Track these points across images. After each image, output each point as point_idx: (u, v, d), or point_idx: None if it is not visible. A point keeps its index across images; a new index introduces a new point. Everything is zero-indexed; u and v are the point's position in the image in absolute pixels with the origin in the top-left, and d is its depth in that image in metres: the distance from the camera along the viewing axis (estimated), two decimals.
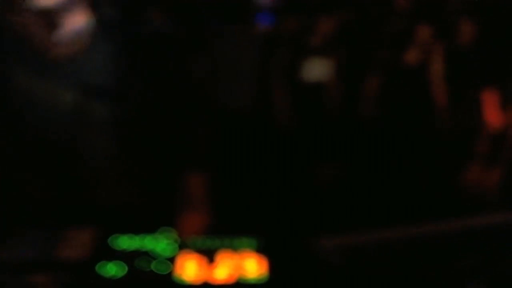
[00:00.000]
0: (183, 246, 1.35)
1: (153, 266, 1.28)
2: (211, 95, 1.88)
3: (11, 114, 1.60)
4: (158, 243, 1.35)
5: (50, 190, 1.63)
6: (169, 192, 1.73)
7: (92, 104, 1.60)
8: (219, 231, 1.64)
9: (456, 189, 3.68)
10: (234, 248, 1.34)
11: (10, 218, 1.56)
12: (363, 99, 4.12)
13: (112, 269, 1.26)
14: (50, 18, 1.52)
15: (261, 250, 1.33)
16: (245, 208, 3.21)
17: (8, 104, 1.59)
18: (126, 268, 1.27)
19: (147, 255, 1.31)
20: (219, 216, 1.79)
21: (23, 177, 1.64)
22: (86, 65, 1.59)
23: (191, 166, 1.76)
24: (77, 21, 1.56)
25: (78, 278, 1.25)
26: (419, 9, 4.20)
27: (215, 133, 1.80)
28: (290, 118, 4.28)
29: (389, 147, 3.89)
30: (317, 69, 4.24)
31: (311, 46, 4.27)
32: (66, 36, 1.55)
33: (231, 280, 1.25)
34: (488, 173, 3.69)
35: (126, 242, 1.35)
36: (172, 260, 1.30)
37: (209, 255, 1.31)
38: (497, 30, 3.88)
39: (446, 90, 3.89)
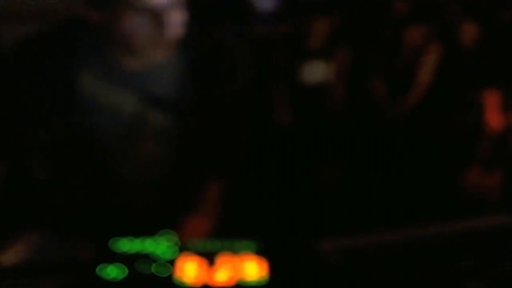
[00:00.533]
0: (183, 248, 1.35)
1: (153, 268, 1.28)
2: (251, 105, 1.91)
3: (76, 114, 1.61)
4: (159, 246, 1.35)
5: (75, 192, 1.65)
6: (171, 195, 1.74)
7: (153, 113, 1.61)
8: (219, 233, 1.64)
9: (457, 190, 3.68)
10: (234, 251, 1.34)
11: (12, 220, 1.56)
12: (363, 100, 4.12)
13: (113, 272, 1.27)
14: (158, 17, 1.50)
15: (261, 252, 1.33)
16: (245, 210, 3.21)
17: (69, 102, 1.59)
18: (127, 271, 1.27)
19: (148, 258, 1.31)
20: (220, 219, 1.79)
21: (39, 178, 1.65)
22: (155, 76, 1.60)
23: (214, 173, 1.77)
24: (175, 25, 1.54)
25: (79, 281, 1.25)
26: (419, 11, 4.20)
27: (244, 143, 1.82)
28: (290, 119, 4.28)
29: (389, 148, 3.89)
30: (316, 71, 4.24)
31: (310, 48, 4.27)
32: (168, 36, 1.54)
33: (231, 283, 1.25)
34: (488, 174, 3.69)
35: (126, 245, 1.35)
36: (172, 262, 1.30)
37: (209, 257, 1.31)
38: (497, 31, 3.88)
39: (444, 91, 3.89)
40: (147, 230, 1.40)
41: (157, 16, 1.50)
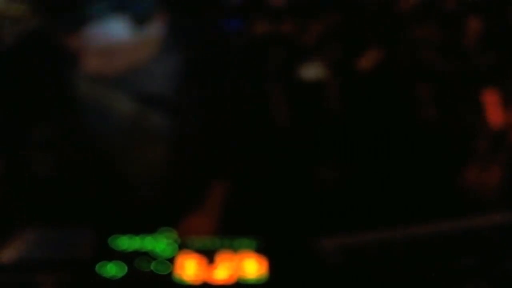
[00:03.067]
0: (183, 246, 1.35)
1: (153, 266, 1.28)
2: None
3: (71, 116, 1.61)
4: (158, 244, 1.35)
5: (70, 190, 1.64)
6: (171, 193, 1.73)
7: (149, 113, 1.60)
8: (219, 231, 1.64)
9: (456, 189, 3.68)
10: (234, 249, 1.34)
11: (11, 218, 1.56)
12: (363, 98, 4.11)
13: (112, 269, 1.26)
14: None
15: (260, 250, 1.33)
16: (245, 208, 3.21)
17: (64, 104, 1.59)
18: (126, 268, 1.27)
19: (147, 255, 1.31)
20: (221, 218, 1.79)
21: (36, 176, 1.65)
22: (147, 75, 1.59)
23: (219, 175, 1.77)
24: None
25: (78, 278, 1.25)
26: (421, 8, 4.20)
27: (249, 146, 1.82)
28: (289, 118, 4.28)
29: (389, 147, 3.89)
30: (313, 70, 4.24)
31: (306, 46, 4.27)
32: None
33: (231, 281, 1.25)
34: (488, 173, 3.69)
35: (126, 243, 1.35)
36: (172, 260, 1.30)
37: (209, 255, 1.31)
38: (500, 29, 3.87)
39: (446, 90, 3.89)
40: (147, 228, 1.40)
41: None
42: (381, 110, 4.10)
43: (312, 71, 4.22)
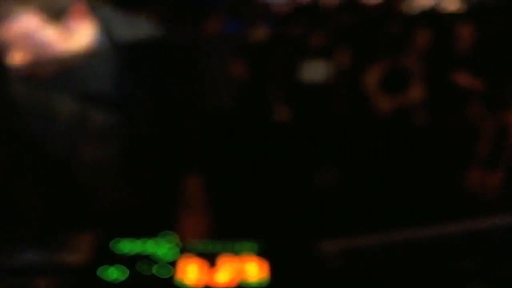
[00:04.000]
0: (184, 250, 1.35)
1: (154, 270, 1.28)
2: (203, 97, 1.86)
3: (11, 121, 1.59)
4: (160, 247, 1.35)
5: (51, 195, 1.62)
6: (169, 195, 1.73)
7: (93, 112, 1.58)
8: (220, 235, 1.64)
9: (458, 191, 3.68)
10: (236, 252, 1.33)
11: (12, 222, 1.56)
12: (366, 101, 4.12)
13: (114, 273, 1.26)
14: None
15: (262, 254, 1.33)
16: (246, 211, 3.21)
17: (7, 111, 1.58)
18: (128, 272, 1.27)
19: (149, 259, 1.31)
20: (220, 220, 1.79)
21: (24, 183, 1.63)
22: (87, 73, 1.56)
23: (187, 169, 1.76)
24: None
25: (80, 282, 1.25)
26: (419, 13, 4.21)
27: (208, 135, 1.79)
28: (291, 120, 4.29)
29: (390, 149, 3.89)
30: (317, 71, 4.24)
31: (310, 48, 4.27)
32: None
33: (233, 284, 1.25)
34: (489, 175, 3.69)
35: (127, 246, 1.35)
36: (173, 264, 1.30)
37: (211, 259, 1.31)
38: (496, 32, 3.88)
39: (444, 91, 3.89)
40: (148, 232, 1.40)
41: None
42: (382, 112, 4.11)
43: (315, 72, 4.23)
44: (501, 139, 3.66)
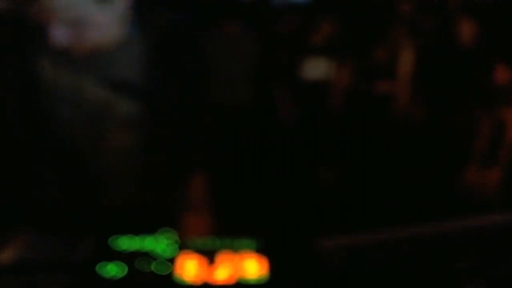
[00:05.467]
0: (183, 246, 1.35)
1: (153, 266, 1.28)
2: (211, 94, 1.86)
3: (38, 102, 1.56)
4: (158, 244, 1.35)
5: (55, 190, 1.62)
6: (169, 192, 1.73)
7: (117, 101, 1.56)
8: (219, 231, 1.64)
9: (456, 189, 3.68)
10: (234, 249, 1.33)
11: (12, 219, 1.56)
12: (365, 99, 4.12)
13: (113, 270, 1.26)
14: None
15: (261, 250, 1.33)
16: (245, 208, 3.21)
17: (36, 91, 1.55)
18: (127, 269, 1.27)
19: (147, 256, 1.31)
20: (219, 217, 1.79)
21: (27, 177, 1.62)
22: (113, 61, 1.54)
23: (192, 167, 1.76)
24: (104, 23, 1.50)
25: (79, 279, 1.25)
26: (421, 10, 4.20)
27: (216, 134, 1.79)
28: (293, 117, 4.28)
29: (389, 147, 3.89)
30: (318, 69, 4.24)
31: (312, 45, 4.27)
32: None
33: (231, 281, 1.25)
34: (487, 173, 3.68)
35: (126, 243, 1.35)
36: (172, 260, 1.30)
37: (209, 255, 1.31)
38: (497, 29, 3.87)
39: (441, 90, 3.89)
40: (147, 228, 1.40)
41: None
42: (383, 111, 4.11)
43: (316, 70, 4.22)
44: (498, 137, 3.66)
